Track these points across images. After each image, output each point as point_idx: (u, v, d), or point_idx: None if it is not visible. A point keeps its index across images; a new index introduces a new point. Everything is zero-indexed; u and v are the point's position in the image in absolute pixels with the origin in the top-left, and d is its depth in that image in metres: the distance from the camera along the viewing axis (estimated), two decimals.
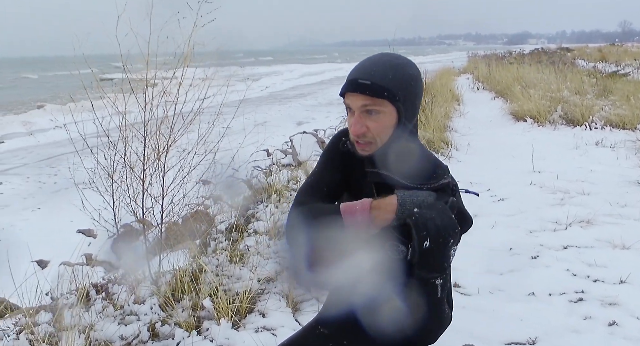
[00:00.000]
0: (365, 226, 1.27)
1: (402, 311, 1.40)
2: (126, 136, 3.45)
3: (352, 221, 1.27)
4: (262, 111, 16.15)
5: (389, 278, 1.39)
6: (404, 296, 1.40)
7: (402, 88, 1.27)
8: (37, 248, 4.04)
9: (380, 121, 1.28)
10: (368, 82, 1.26)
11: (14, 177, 9.57)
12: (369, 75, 1.27)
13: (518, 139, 8.20)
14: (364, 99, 1.27)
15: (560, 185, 5.49)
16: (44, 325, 2.72)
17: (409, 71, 1.31)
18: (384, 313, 1.39)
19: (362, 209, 1.28)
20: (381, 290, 1.41)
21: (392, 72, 1.27)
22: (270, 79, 31.85)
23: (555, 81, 12.35)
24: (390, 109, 1.28)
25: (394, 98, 1.26)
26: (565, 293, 3.22)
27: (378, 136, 1.30)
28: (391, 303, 1.40)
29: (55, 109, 15.80)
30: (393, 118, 1.29)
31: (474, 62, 25.60)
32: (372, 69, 1.28)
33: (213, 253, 3.67)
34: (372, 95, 1.26)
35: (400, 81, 1.28)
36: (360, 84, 1.27)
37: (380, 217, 1.27)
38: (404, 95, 1.28)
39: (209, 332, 2.76)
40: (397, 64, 1.30)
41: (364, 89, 1.26)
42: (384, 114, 1.28)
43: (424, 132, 7.48)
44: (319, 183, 1.45)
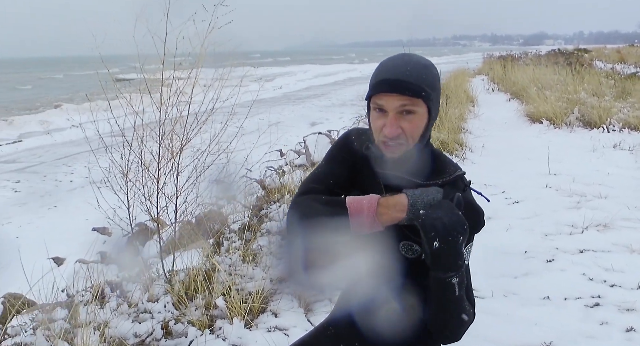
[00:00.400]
0: (370, 223, 1.25)
1: (399, 313, 1.39)
2: (141, 135, 3.48)
3: (358, 217, 1.25)
4: (276, 112, 16.20)
5: (386, 280, 1.38)
6: (400, 298, 1.40)
7: (433, 88, 1.27)
8: (53, 246, 4.10)
9: (414, 121, 1.26)
10: (406, 81, 1.23)
11: (32, 175, 9.71)
12: (406, 75, 1.24)
13: (534, 141, 8.13)
14: (402, 99, 1.23)
15: (577, 188, 5.43)
16: (60, 321, 2.75)
17: (435, 71, 1.30)
18: (381, 315, 1.39)
19: (369, 205, 1.25)
20: (378, 292, 1.40)
21: (424, 72, 1.26)
22: (284, 79, 31.93)
23: (572, 82, 12.21)
24: (424, 109, 1.26)
25: (428, 98, 1.25)
26: (581, 297, 3.19)
27: (411, 136, 1.27)
28: (388, 305, 1.39)
29: (71, 109, 16.03)
30: (424, 119, 1.27)
31: (489, 64, 25.41)
32: (405, 68, 1.25)
33: (226, 252, 3.68)
34: (411, 95, 1.22)
35: (431, 81, 1.26)
36: (398, 84, 1.23)
37: (387, 215, 1.25)
38: (436, 95, 1.28)
39: (222, 331, 2.77)
40: (425, 64, 1.28)
41: (404, 89, 1.22)
42: (418, 114, 1.25)
43: (438, 133, 7.44)
44: (325, 174, 1.43)
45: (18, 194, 8.39)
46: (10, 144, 13.39)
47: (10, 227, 6.64)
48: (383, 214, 1.25)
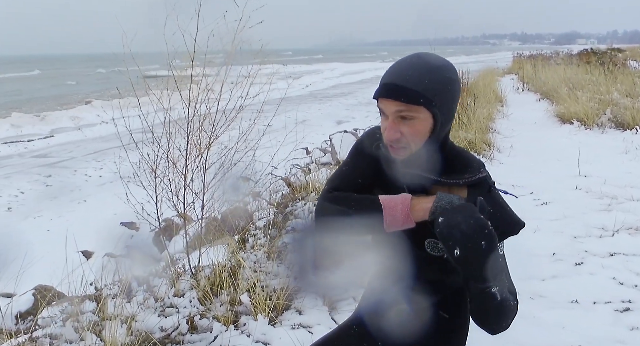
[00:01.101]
0: (403, 219, 1.24)
1: (408, 314, 1.38)
2: (169, 131, 3.52)
3: (392, 216, 1.24)
4: (303, 110, 16.22)
5: (401, 281, 1.37)
6: (414, 299, 1.38)
7: (438, 93, 1.20)
8: (82, 239, 4.17)
9: (414, 126, 1.22)
10: (403, 87, 1.19)
11: (63, 170, 9.92)
12: (404, 79, 1.20)
13: (564, 142, 7.98)
14: (397, 105, 1.20)
15: (608, 190, 5.31)
16: (88, 314, 2.81)
17: (446, 73, 1.23)
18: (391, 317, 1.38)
19: (403, 201, 1.25)
20: (391, 293, 1.39)
21: (428, 76, 1.20)
22: (311, 77, 31.97)
23: (605, 82, 11.93)
24: (426, 115, 1.21)
25: (430, 104, 1.19)
26: (610, 301, 3.12)
27: (412, 141, 1.23)
28: (397, 306, 1.38)
29: (102, 105, 16.32)
30: (428, 124, 1.22)
31: (519, 63, 24.99)
32: (407, 72, 1.21)
33: (251, 249, 3.71)
34: (406, 101, 1.18)
35: (436, 86, 1.20)
36: (394, 89, 1.20)
37: (417, 207, 1.24)
38: (441, 100, 1.21)
39: (246, 327, 2.80)
40: (433, 66, 1.22)
41: (398, 95, 1.19)
42: (419, 120, 1.21)
43: (466, 133, 7.36)
44: (352, 172, 1.41)
45: (49, 189, 8.58)
46: (42, 139, 13.70)
47: (41, 220, 6.81)
48: (415, 206, 1.24)
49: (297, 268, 1.42)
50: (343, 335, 1.57)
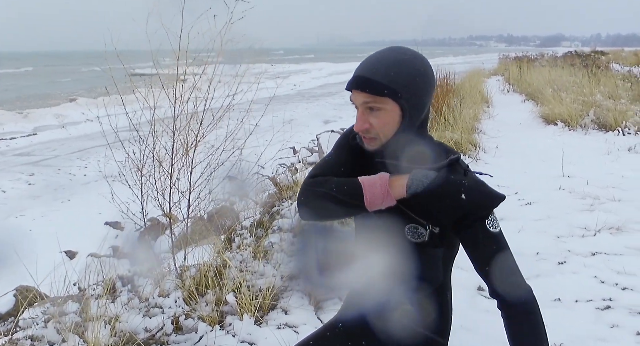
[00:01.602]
0: (383, 196, 1.27)
1: (413, 315, 1.39)
2: (155, 130, 3.50)
3: (372, 193, 1.27)
4: (290, 109, 16.21)
5: (401, 282, 1.38)
6: (414, 301, 1.40)
7: (405, 85, 1.24)
8: (66, 239, 4.13)
9: (382, 117, 1.27)
10: (369, 79, 1.24)
11: (46, 168, 9.81)
12: (371, 72, 1.25)
13: (548, 143, 8.07)
14: (365, 96, 1.26)
15: (591, 191, 5.38)
16: (71, 315, 2.77)
17: (414, 66, 1.27)
18: (395, 318, 1.39)
19: (381, 179, 1.28)
20: (392, 294, 1.40)
21: (395, 69, 1.24)
22: (298, 77, 31.95)
23: (588, 84, 12.08)
24: (393, 106, 1.25)
25: (396, 96, 1.24)
26: (592, 300, 3.16)
27: (381, 132, 1.28)
28: (402, 307, 1.39)
29: (87, 103, 16.15)
30: (396, 115, 1.27)
31: (505, 64, 25.23)
32: (374, 65, 1.26)
33: (237, 248, 3.70)
34: (372, 93, 1.24)
35: (403, 78, 1.24)
36: (361, 81, 1.26)
37: (395, 183, 1.27)
38: (408, 91, 1.25)
39: (232, 327, 2.79)
40: (402, 59, 1.26)
41: (365, 86, 1.25)
42: (385, 111, 1.26)
43: (452, 133, 7.40)
44: (336, 162, 1.44)
45: (32, 187, 8.48)
46: (25, 137, 13.53)
47: (24, 220, 6.72)
48: (393, 182, 1.28)
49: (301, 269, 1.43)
50: (329, 334, 1.57)
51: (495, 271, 1.28)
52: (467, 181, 1.26)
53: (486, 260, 1.28)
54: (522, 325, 1.28)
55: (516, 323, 1.28)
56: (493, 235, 1.29)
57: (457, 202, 1.24)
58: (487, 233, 1.27)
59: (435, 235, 1.32)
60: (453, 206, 1.25)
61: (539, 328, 1.29)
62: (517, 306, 1.28)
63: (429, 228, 1.32)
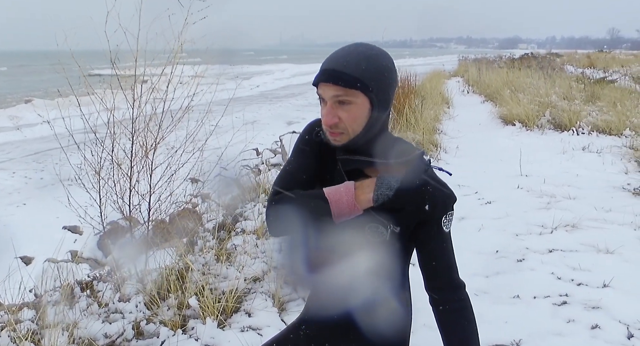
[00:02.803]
0: (350, 208, 1.28)
1: (399, 312, 1.41)
2: (113, 132, 3.43)
3: (338, 204, 1.28)
4: (252, 110, 16.11)
5: (386, 279, 1.39)
6: (399, 297, 1.41)
7: (375, 79, 1.26)
8: (22, 244, 4.00)
9: (352, 111, 1.27)
10: (341, 72, 1.25)
11: (0, 172, 9.47)
12: (342, 65, 1.25)
13: (506, 143, 8.26)
14: (336, 89, 1.25)
15: (547, 189, 5.54)
16: (27, 322, 2.69)
17: (382, 61, 1.29)
18: (381, 314, 1.40)
19: (347, 191, 1.28)
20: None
21: (365, 63, 1.26)
22: (261, 78, 31.75)
23: (544, 85, 12.43)
24: (363, 99, 1.26)
25: (367, 89, 1.25)
26: (549, 296, 3.25)
27: (350, 126, 1.28)
28: (387, 304, 1.40)
29: (43, 104, 15.66)
30: (365, 109, 1.28)
31: (465, 66, 25.71)
32: (345, 59, 1.27)
33: (200, 251, 3.65)
34: (344, 86, 1.24)
35: (373, 72, 1.26)
36: (332, 74, 1.25)
37: (363, 196, 1.28)
38: (377, 86, 1.27)
39: (195, 331, 2.75)
40: (370, 54, 1.29)
41: (336, 79, 1.24)
42: (356, 104, 1.26)
43: (413, 134, 7.50)
44: (297, 170, 1.42)
45: None
46: None
47: None
48: (359, 196, 1.28)
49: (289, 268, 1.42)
50: (291, 336, 1.57)
51: (440, 267, 1.35)
52: (430, 187, 1.29)
53: (434, 256, 1.35)
54: (457, 319, 1.37)
55: (451, 317, 1.37)
56: (445, 234, 1.34)
57: (421, 210, 1.29)
58: (441, 231, 1.33)
59: (395, 234, 1.34)
60: (417, 213, 1.30)
61: (472, 323, 1.37)
62: (453, 302, 1.37)
63: (390, 227, 1.33)
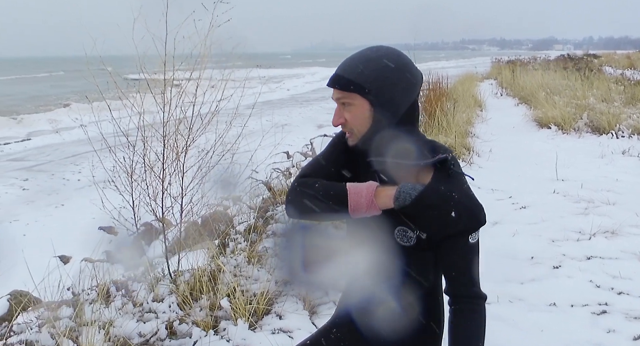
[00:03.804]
0: (367, 205, 1.29)
1: (397, 312, 1.39)
2: (145, 135, 3.48)
3: (357, 202, 1.29)
4: (283, 113, 16.21)
5: (384, 279, 1.38)
6: (398, 297, 1.39)
7: (372, 80, 1.28)
8: (59, 244, 4.10)
9: (352, 112, 1.33)
10: (339, 76, 1.32)
11: (40, 173, 9.76)
12: (342, 69, 1.33)
13: (541, 147, 8.09)
14: (337, 92, 1.33)
15: (585, 194, 5.39)
16: (65, 320, 2.76)
17: (385, 62, 1.30)
18: (379, 315, 1.39)
19: (368, 188, 1.30)
20: (376, 291, 1.40)
21: (362, 65, 1.30)
22: (291, 81, 31.95)
23: (581, 87, 12.14)
24: (361, 101, 1.30)
25: (363, 91, 1.29)
26: (588, 304, 3.16)
27: (354, 126, 1.34)
28: (386, 304, 1.39)
29: (80, 108, 16.10)
30: (365, 110, 1.31)
31: (498, 68, 25.33)
32: (347, 63, 1.33)
33: (231, 253, 3.68)
34: (340, 88, 1.32)
35: (371, 73, 1.28)
36: (334, 78, 1.33)
37: (382, 194, 1.29)
38: (377, 87, 1.29)
39: (226, 332, 2.77)
40: (372, 56, 1.31)
41: (334, 83, 1.33)
42: (355, 106, 1.32)
43: (445, 137, 7.42)
44: (327, 161, 1.47)
45: (26, 192, 8.43)
46: (19, 142, 13.47)
47: (17, 225, 6.67)
48: (380, 192, 1.29)
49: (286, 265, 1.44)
50: (322, 339, 1.57)
51: (461, 277, 1.33)
52: (457, 194, 1.26)
53: (456, 267, 1.32)
54: (467, 317, 1.33)
55: (461, 315, 1.33)
56: (471, 246, 1.31)
57: (446, 218, 1.26)
58: (467, 244, 1.30)
59: (422, 240, 1.33)
60: (442, 221, 1.27)
61: (481, 326, 1.33)
62: (468, 304, 1.33)
63: (416, 232, 1.33)
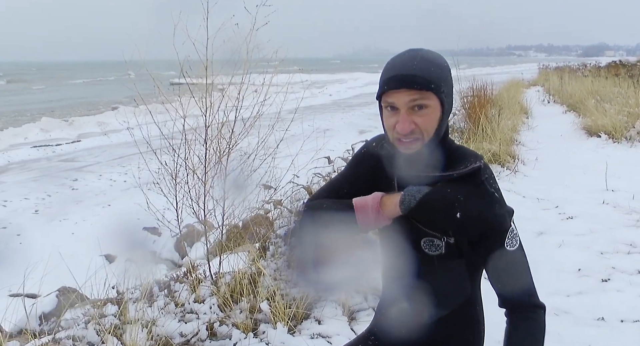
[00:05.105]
0: (375, 217, 1.26)
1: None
2: (187, 139, 3.55)
3: (363, 211, 1.27)
4: (325, 118, 16.25)
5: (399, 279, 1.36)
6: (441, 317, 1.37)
7: (443, 80, 1.25)
8: (105, 243, 4.23)
9: (427, 115, 1.24)
10: (413, 76, 1.22)
11: (88, 174, 10.10)
12: (411, 69, 1.23)
13: (590, 156, 7.83)
14: (411, 94, 1.22)
15: (636, 206, 5.18)
16: (110, 317, 2.83)
17: (444, 63, 1.29)
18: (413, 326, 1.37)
19: (373, 200, 1.27)
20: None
21: (432, 65, 1.25)
22: (334, 86, 32.06)
23: (634, 95, 11.68)
24: (436, 102, 1.24)
25: (439, 90, 1.23)
26: (638, 320, 3.04)
27: (426, 131, 1.25)
28: (420, 315, 1.37)
29: (127, 111, 16.55)
30: (438, 112, 1.25)
31: (545, 75, 24.70)
32: (411, 63, 1.24)
33: (272, 257, 3.70)
34: (419, 88, 1.21)
35: (440, 73, 1.25)
36: (405, 79, 1.22)
37: (387, 202, 1.26)
38: (446, 87, 1.26)
39: (265, 335, 2.79)
40: (433, 57, 1.27)
41: (411, 83, 1.21)
42: (430, 108, 1.24)
43: (490, 144, 7.27)
44: (341, 182, 1.45)
45: (75, 192, 8.74)
46: (69, 143, 13.98)
47: (67, 223, 6.92)
48: (385, 202, 1.27)
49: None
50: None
51: (508, 287, 1.27)
52: (464, 197, 1.23)
53: (499, 277, 1.28)
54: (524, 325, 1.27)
55: (518, 322, 1.27)
56: (509, 253, 1.26)
57: (451, 219, 1.22)
58: (504, 251, 1.26)
59: (452, 246, 1.30)
60: (447, 222, 1.23)
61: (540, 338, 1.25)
62: (526, 312, 1.27)
63: (444, 239, 1.30)
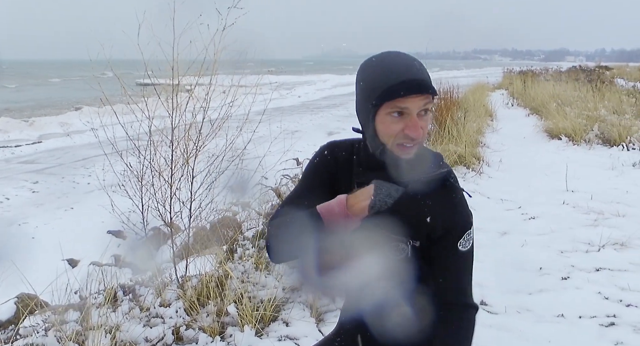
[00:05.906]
0: (344, 219, 1.23)
1: (410, 316, 1.37)
2: (153, 140, 3.51)
3: (331, 219, 1.23)
4: (294, 120, 16.22)
5: (397, 283, 1.37)
6: (412, 302, 1.38)
7: None
8: (68, 247, 4.13)
9: (429, 119, 1.24)
10: (424, 80, 1.21)
11: (50, 176, 9.83)
12: (421, 73, 1.22)
13: (552, 158, 8.04)
14: (424, 98, 1.20)
15: (595, 206, 5.35)
16: (72, 323, 2.76)
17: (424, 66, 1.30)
18: (393, 319, 1.37)
19: (338, 202, 1.24)
20: (389, 295, 1.39)
21: (422, 68, 1.24)
22: (303, 88, 32.06)
23: (593, 99, 12.06)
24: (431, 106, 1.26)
25: (435, 94, 1.23)
26: (596, 316, 3.13)
27: (425, 135, 1.25)
28: (399, 308, 1.38)
29: (91, 112, 16.21)
30: (431, 116, 1.27)
31: (509, 78, 25.23)
32: (414, 67, 1.22)
33: (239, 259, 3.69)
34: (431, 93, 1.20)
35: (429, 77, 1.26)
36: (420, 84, 1.20)
37: (357, 206, 1.22)
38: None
39: (233, 338, 2.77)
40: (415, 60, 1.26)
41: (426, 88, 1.19)
42: (430, 111, 1.24)
43: (455, 146, 7.39)
44: (299, 194, 1.41)
45: (36, 195, 8.49)
46: (30, 144, 13.58)
47: (26, 227, 6.71)
48: (353, 205, 1.22)
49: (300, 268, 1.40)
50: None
51: (448, 284, 1.30)
52: (431, 201, 1.26)
53: (443, 273, 1.30)
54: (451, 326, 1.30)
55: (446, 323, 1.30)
56: (461, 254, 1.29)
57: (422, 223, 1.26)
58: (456, 252, 1.28)
59: (417, 249, 1.30)
60: (419, 225, 1.26)
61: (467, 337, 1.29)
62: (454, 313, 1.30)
63: (410, 243, 1.30)
